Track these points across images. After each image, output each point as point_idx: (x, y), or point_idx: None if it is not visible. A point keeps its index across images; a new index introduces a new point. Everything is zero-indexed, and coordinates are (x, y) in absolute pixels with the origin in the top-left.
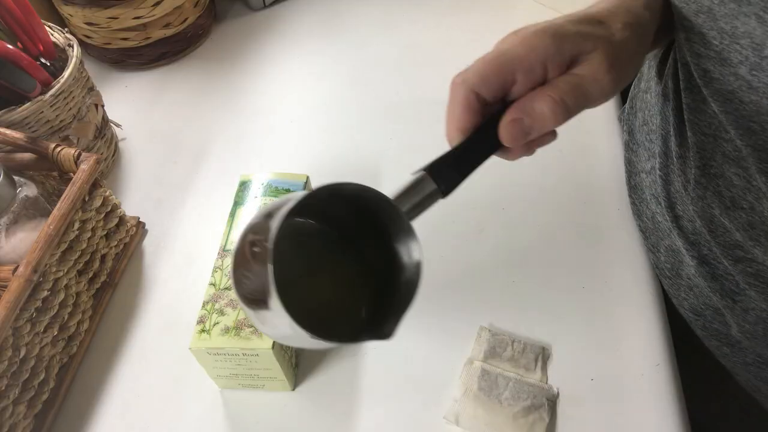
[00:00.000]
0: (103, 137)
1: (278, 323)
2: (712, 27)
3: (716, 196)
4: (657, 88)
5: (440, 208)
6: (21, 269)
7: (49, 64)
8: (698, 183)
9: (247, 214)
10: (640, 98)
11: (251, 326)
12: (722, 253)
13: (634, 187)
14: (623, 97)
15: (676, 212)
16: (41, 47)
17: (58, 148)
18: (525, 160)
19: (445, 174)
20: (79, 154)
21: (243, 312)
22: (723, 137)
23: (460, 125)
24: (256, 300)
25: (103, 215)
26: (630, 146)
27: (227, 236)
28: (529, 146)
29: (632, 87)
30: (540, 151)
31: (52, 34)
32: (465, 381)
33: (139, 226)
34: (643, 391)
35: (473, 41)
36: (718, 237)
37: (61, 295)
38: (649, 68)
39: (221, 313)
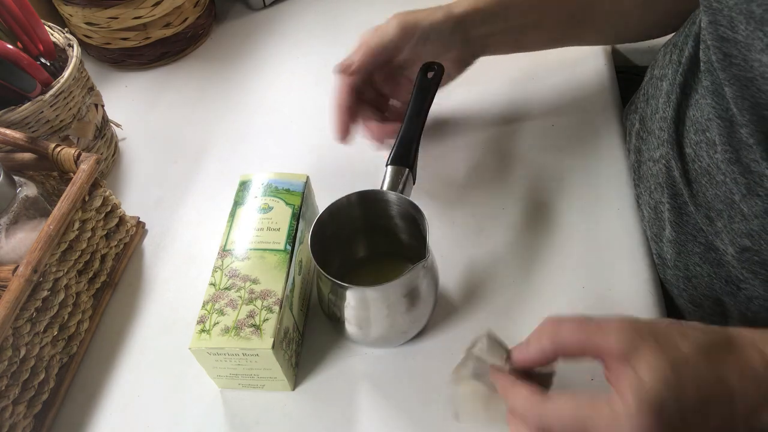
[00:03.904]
0: (103, 137)
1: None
2: (741, 11)
3: (733, 183)
4: (672, 74)
5: (440, 207)
6: (21, 269)
7: (49, 64)
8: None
9: (247, 214)
10: (653, 85)
11: (251, 326)
12: (730, 240)
13: (640, 177)
14: (626, 94)
15: (684, 199)
16: (41, 47)
17: (58, 148)
18: (525, 160)
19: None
20: (79, 154)
21: (244, 311)
22: (738, 122)
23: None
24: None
25: (103, 215)
26: (640, 135)
27: (227, 236)
28: None
29: (646, 74)
30: (539, 151)
31: (52, 34)
32: (465, 379)
33: (139, 226)
34: None
35: None
36: (734, 224)
37: (61, 295)
38: (663, 54)
39: (221, 313)
